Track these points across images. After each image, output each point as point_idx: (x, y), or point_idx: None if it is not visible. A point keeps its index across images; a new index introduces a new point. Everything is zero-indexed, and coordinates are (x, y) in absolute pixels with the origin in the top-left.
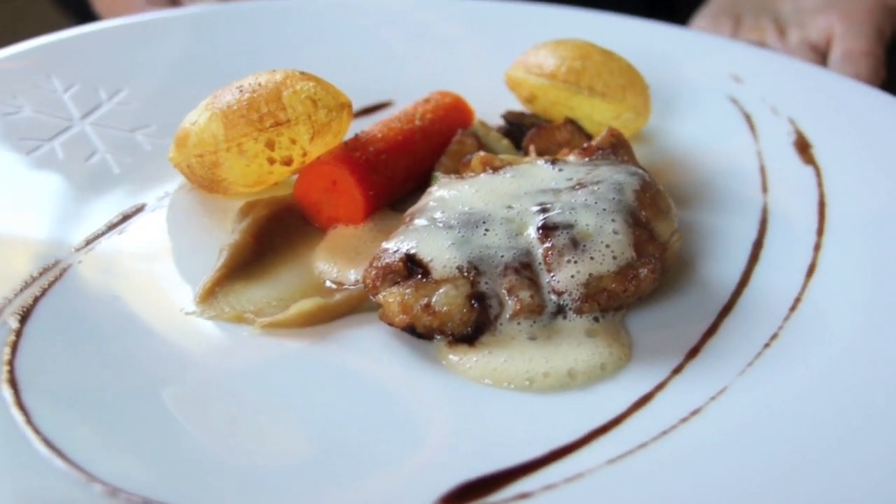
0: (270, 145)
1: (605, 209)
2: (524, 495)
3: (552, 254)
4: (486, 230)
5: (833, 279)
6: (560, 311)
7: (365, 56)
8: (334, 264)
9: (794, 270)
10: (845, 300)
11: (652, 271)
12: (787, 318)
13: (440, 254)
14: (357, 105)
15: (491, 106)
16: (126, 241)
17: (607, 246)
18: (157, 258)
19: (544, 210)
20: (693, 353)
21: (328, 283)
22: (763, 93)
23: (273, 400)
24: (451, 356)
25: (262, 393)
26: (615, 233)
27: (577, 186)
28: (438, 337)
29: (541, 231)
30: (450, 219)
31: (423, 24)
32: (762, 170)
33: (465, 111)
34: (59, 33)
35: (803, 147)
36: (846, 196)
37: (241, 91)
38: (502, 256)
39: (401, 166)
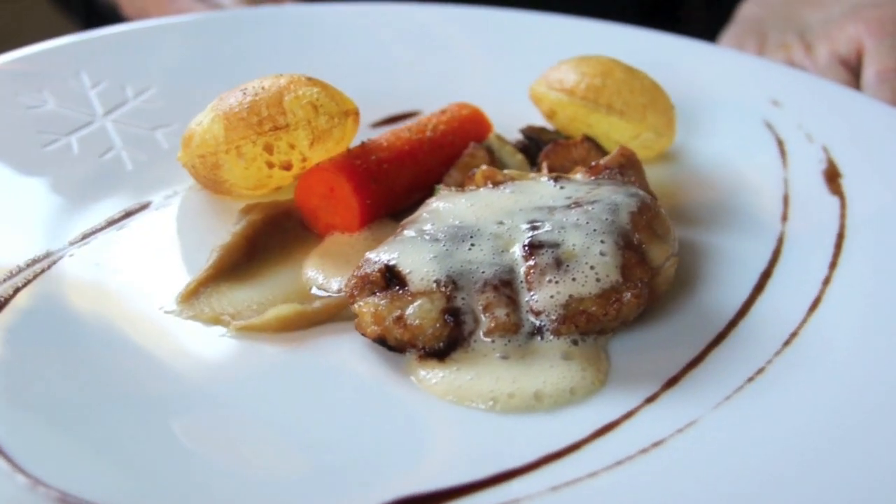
0: (269, 149)
1: (595, 230)
2: None
3: (534, 272)
4: (472, 245)
5: (836, 316)
6: (538, 331)
7: (395, 66)
8: (322, 271)
9: (797, 304)
10: (845, 339)
11: (636, 296)
12: (778, 353)
13: (419, 266)
14: (383, 114)
15: (516, 120)
16: (123, 237)
17: (591, 267)
18: (150, 256)
19: (534, 228)
20: (672, 382)
21: (314, 290)
22: (800, 119)
23: (231, 402)
24: (419, 370)
25: (220, 393)
26: (602, 254)
27: (572, 205)
28: (410, 350)
29: (526, 249)
30: (438, 231)
31: (456, 36)
32: (785, 198)
33: (482, 124)
34: (93, 31)
35: (832, 177)
36: (866, 229)
37: (244, 94)
38: (483, 272)
39: (404, 176)
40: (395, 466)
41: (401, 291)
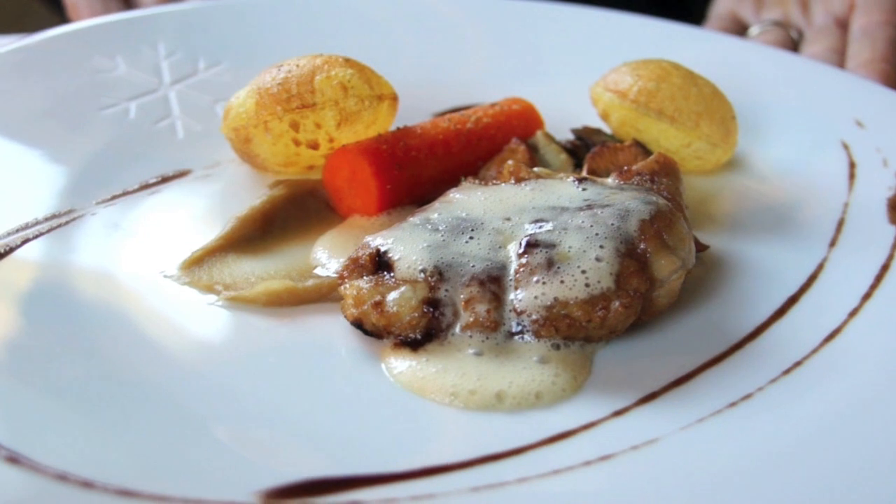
0: (295, 126)
1: (598, 234)
2: (391, 500)
3: (523, 271)
4: (471, 238)
5: (851, 351)
6: (518, 331)
7: (467, 57)
8: (329, 252)
9: (812, 333)
10: (850, 377)
11: (625, 306)
12: (772, 381)
13: (410, 254)
14: (447, 105)
15: (576, 120)
16: (152, 202)
17: (583, 272)
18: (171, 223)
19: (538, 226)
20: (649, 398)
21: (317, 270)
22: (881, 142)
23: (195, 366)
24: (390, 358)
25: (189, 359)
26: (598, 259)
27: (585, 208)
28: (387, 337)
29: (522, 246)
30: (442, 222)
31: (533, 29)
32: (840, 223)
33: (532, 120)
34: (178, 4)
35: None
36: None
37: (279, 70)
38: (473, 266)
39: (433, 165)
40: (323, 448)
41: (386, 277)
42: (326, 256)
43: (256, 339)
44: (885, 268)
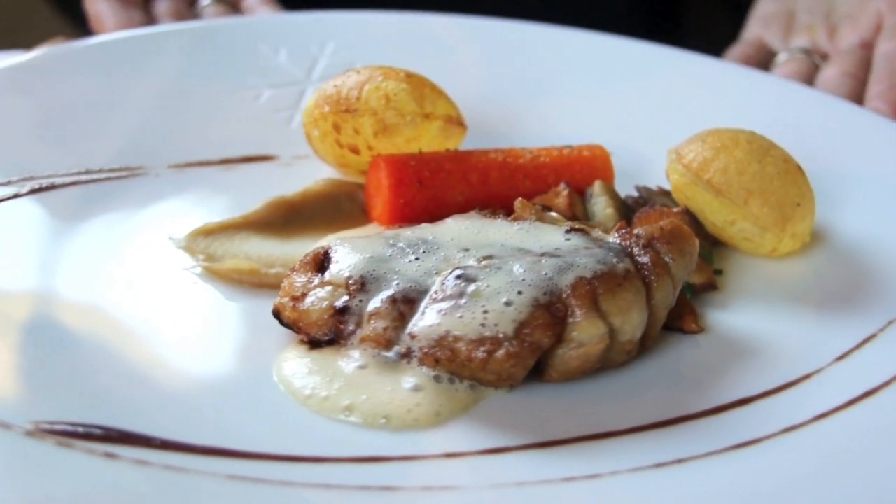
0: (337, 128)
1: (524, 280)
2: (143, 462)
3: (433, 299)
4: (415, 258)
5: (827, 437)
6: (408, 354)
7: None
8: None
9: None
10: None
11: (511, 355)
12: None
13: (348, 261)
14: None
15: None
16: (218, 177)
17: (485, 312)
18: (218, 197)
19: (480, 262)
20: (493, 451)
21: None
22: None
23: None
24: (287, 349)
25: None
26: (507, 304)
27: (541, 255)
28: (297, 332)
29: (445, 277)
30: (406, 240)
31: (652, 76)
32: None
33: (600, 170)
34: (358, 12)
35: None
36: None
37: (347, 74)
38: (397, 284)
39: (461, 190)
40: (135, 402)
41: (318, 276)
42: None
43: (194, 301)
44: None
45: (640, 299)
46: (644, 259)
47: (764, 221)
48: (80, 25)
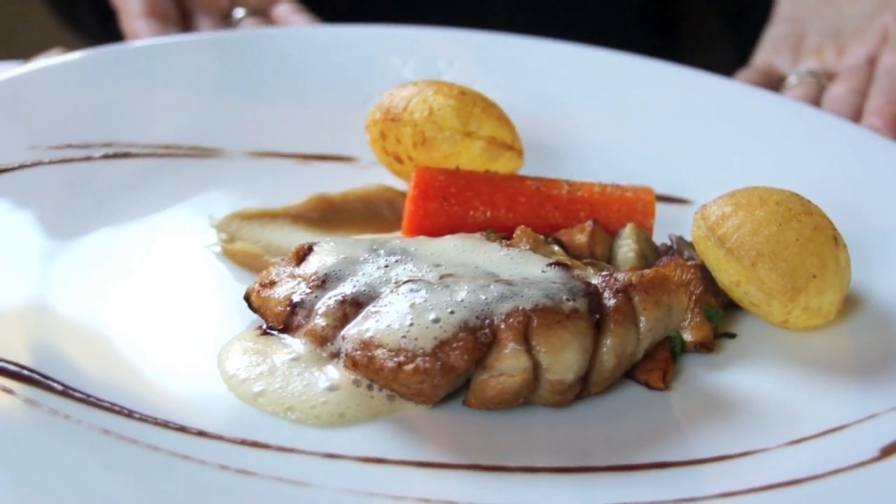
0: (382, 135)
1: (461, 300)
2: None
3: (376, 306)
4: (385, 266)
5: None
6: (338, 355)
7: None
8: None
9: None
10: None
11: (417, 371)
12: None
13: (323, 258)
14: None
15: None
16: (291, 171)
17: (410, 324)
18: (282, 191)
19: (440, 278)
20: (373, 461)
21: None
22: None
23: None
24: (242, 334)
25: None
26: (434, 321)
27: (498, 282)
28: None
29: (399, 288)
30: (389, 247)
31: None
32: None
33: (639, 213)
34: (494, 34)
35: None
36: None
37: (404, 85)
38: (353, 286)
39: (484, 211)
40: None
41: (291, 268)
42: None
43: (194, 275)
44: None
45: (580, 341)
46: (611, 303)
47: (770, 288)
48: (80, 34)
